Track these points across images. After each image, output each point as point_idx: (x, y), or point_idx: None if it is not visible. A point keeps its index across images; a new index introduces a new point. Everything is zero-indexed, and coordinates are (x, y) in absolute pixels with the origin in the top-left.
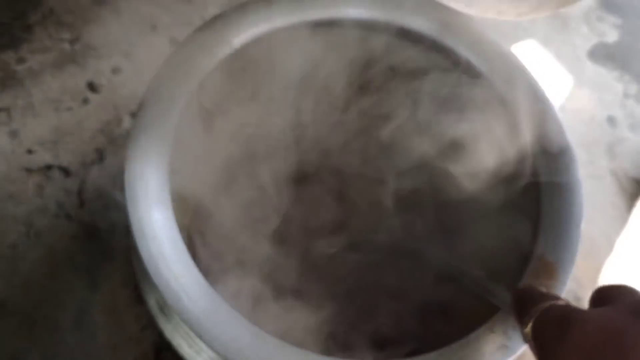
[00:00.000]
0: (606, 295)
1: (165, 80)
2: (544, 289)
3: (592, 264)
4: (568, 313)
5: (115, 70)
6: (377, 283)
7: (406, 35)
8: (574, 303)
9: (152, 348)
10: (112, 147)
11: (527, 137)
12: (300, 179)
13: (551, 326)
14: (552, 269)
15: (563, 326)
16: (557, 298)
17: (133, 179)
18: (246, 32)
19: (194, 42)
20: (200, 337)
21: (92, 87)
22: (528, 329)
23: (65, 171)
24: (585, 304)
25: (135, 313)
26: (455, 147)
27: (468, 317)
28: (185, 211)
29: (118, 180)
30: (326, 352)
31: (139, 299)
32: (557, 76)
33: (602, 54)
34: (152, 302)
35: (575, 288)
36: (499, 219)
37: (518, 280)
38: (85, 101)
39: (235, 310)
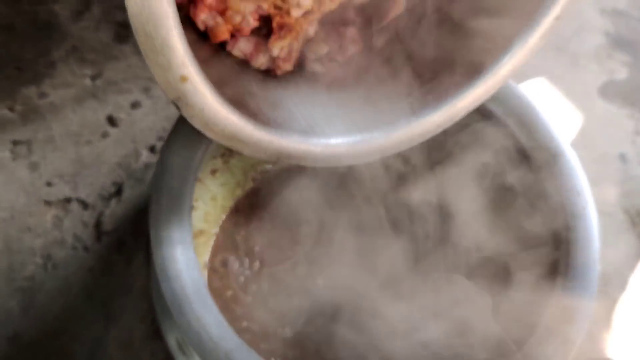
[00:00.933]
0: None
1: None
2: None
3: (605, 303)
4: None
5: (135, 105)
6: None
7: None
8: (587, 342)
9: None
10: (130, 181)
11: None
12: None
13: None
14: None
15: None
16: None
17: (157, 219)
18: None
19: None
20: None
21: (111, 121)
22: None
23: (84, 204)
24: (599, 343)
25: (152, 349)
26: None
27: None
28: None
29: (136, 215)
30: None
31: (156, 335)
32: (567, 113)
33: (613, 92)
34: (172, 341)
35: (589, 325)
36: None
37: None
38: (105, 135)
39: (256, 352)
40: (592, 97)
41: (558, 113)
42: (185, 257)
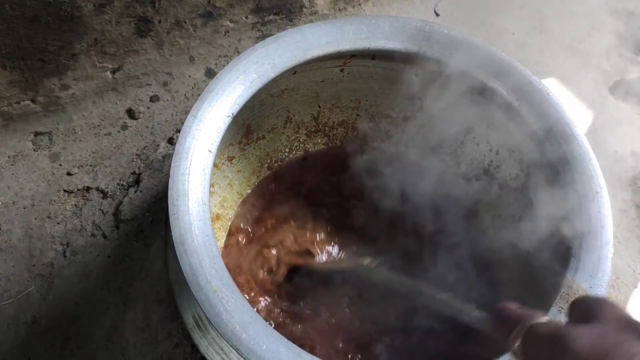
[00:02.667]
0: (588, 310)
1: (206, 104)
2: (524, 307)
3: (618, 297)
4: (558, 331)
5: (154, 98)
6: None
7: None
8: None
9: None
10: (148, 172)
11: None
12: None
13: (542, 344)
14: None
15: (555, 345)
16: (539, 315)
17: (176, 196)
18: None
19: (234, 70)
20: (237, 350)
21: (131, 114)
22: (516, 347)
23: (103, 193)
24: None
25: (168, 330)
26: None
27: None
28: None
29: (154, 204)
30: None
31: (173, 317)
32: (579, 112)
33: (624, 90)
34: (188, 318)
35: None
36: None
37: (550, 305)
38: (124, 127)
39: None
40: (603, 95)
41: (570, 111)
42: (203, 232)
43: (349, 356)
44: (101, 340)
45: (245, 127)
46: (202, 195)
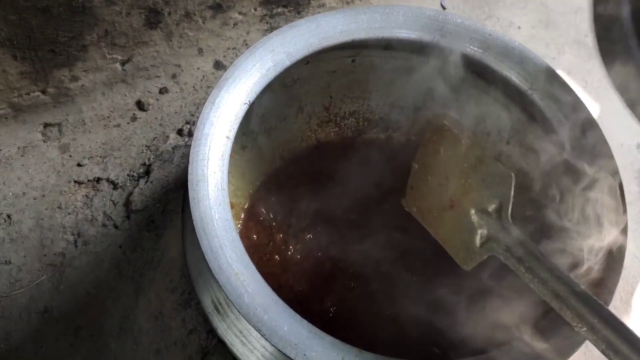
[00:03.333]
0: None
1: (224, 92)
2: None
3: (624, 287)
4: None
5: (163, 90)
6: None
7: None
8: None
9: (198, 352)
10: (158, 162)
11: None
12: None
13: None
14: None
15: None
16: None
17: (196, 181)
18: None
19: (250, 58)
20: (259, 331)
21: (140, 105)
22: None
23: (113, 184)
24: None
25: (182, 317)
26: None
27: None
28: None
29: (165, 195)
30: None
31: (187, 304)
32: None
33: None
34: (207, 302)
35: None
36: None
37: None
38: (134, 119)
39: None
40: (609, 89)
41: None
42: (223, 216)
43: None
44: (114, 328)
45: (258, 117)
46: (220, 180)
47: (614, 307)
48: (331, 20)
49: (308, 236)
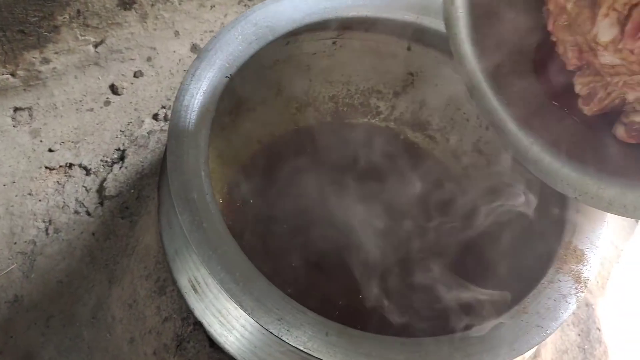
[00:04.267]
0: None
1: (205, 63)
2: None
3: (600, 272)
4: None
5: (138, 74)
6: None
7: None
8: (584, 309)
9: (173, 339)
10: (133, 147)
11: None
12: None
13: None
14: (581, 254)
15: None
16: None
17: (176, 153)
18: None
19: (232, 30)
20: (241, 306)
21: (114, 89)
22: None
23: (86, 170)
24: (595, 311)
25: (157, 305)
26: None
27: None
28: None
29: (140, 180)
30: None
31: (161, 291)
32: None
33: None
34: (184, 282)
35: (585, 293)
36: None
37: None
38: (107, 103)
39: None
40: None
41: None
42: (202, 190)
43: None
44: (86, 317)
45: (236, 97)
46: (201, 152)
47: (590, 291)
48: None
49: (284, 226)
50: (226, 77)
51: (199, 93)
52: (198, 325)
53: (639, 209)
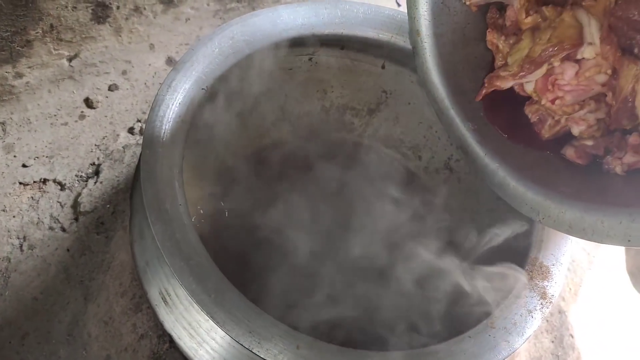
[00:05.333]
0: None
1: (181, 75)
2: None
3: (572, 279)
4: None
5: (113, 87)
6: None
7: None
8: (557, 316)
9: (149, 357)
10: (108, 162)
11: None
12: None
13: None
14: (547, 271)
15: None
16: None
17: (149, 162)
18: None
19: (210, 43)
20: (212, 317)
21: (89, 103)
22: None
23: (61, 185)
24: (568, 318)
25: (133, 322)
26: None
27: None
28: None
29: (115, 195)
30: None
31: (137, 308)
32: None
33: None
34: (154, 294)
35: (558, 301)
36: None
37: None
38: (82, 117)
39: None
40: None
41: None
42: (176, 200)
43: None
44: (62, 335)
45: (212, 110)
46: (175, 163)
47: (563, 298)
48: (292, 11)
49: (259, 238)
50: (202, 89)
51: (174, 104)
52: (174, 342)
53: (596, 232)
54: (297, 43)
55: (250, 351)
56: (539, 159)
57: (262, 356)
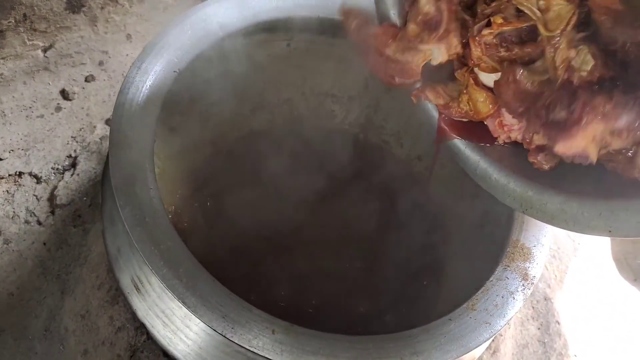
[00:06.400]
0: None
1: (152, 57)
2: None
3: (558, 266)
4: None
5: (89, 78)
6: None
7: None
8: (543, 303)
9: (127, 350)
10: (85, 154)
11: None
12: None
13: None
14: (528, 252)
15: None
16: None
17: (118, 145)
18: None
19: (181, 25)
20: (183, 303)
21: (65, 94)
22: None
23: (37, 178)
24: (554, 305)
25: (110, 315)
26: None
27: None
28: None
29: (92, 187)
30: None
31: (114, 301)
32: None
33: None
34: (126, 281)
35: (544, 287)
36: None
37: (497, 262)
38: (58, 109)
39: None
40: None
41: None
42: (145, 184)
43: None
44: (39, 330)
45: (186, 96)
46: (147, 146)
47: (549, 285)
48: None
49: (235, 226)
50: (174, 71)
51: (144, 86)
52: (151, 337)
53: (578, 223)
54: (273, 26)
55: (224, 337)
56: (517, 150)
57: (235, 342)
